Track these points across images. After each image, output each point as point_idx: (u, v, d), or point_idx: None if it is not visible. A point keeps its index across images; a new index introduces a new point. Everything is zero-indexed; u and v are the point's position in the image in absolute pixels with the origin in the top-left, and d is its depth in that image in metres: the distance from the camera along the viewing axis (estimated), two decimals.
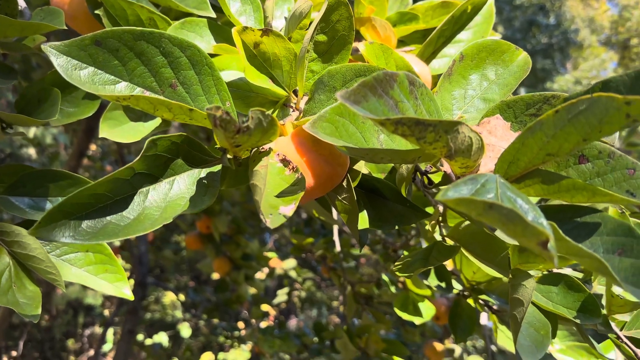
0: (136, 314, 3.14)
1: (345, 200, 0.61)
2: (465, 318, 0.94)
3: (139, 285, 3.20)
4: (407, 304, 1.23)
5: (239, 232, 2.51)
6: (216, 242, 2.50)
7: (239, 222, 2.47)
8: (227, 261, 2.54)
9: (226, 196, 2.44)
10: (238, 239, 2.52)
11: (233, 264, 2.56)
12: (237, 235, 2.50)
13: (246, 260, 2.56)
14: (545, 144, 0.41)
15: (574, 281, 0.63)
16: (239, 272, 2.55)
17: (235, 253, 2.54)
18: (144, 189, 0.46)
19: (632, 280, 0.37)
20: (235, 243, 2.54)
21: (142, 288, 3.25)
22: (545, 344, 0.56)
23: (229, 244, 2.54)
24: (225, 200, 2.43)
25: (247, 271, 2.61)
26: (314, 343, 2.91)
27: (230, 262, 2.55)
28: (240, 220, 2.47)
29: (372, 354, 1.37)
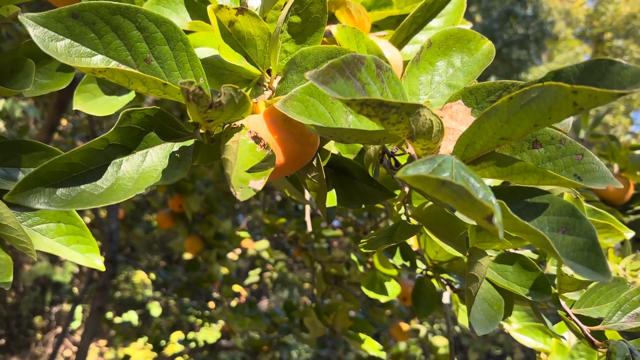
0: (106, 291, 3.13)
1: (315, 179, 0.64)
2: (427, 296, 0.98)
3: (109, 263, 3.18)
4: (374, 283, 1.27)
5: (211, 211, 2.51)
6: (188, 221, 2.50)
7: (211, 202, 2.48)
8: (199, 240, 2.54)
9: (199, 175, 2.44)
10: (210, 218, 2.52)
11: (205, 243, 2.57)
12: (210, 214, 2.51)
13: (218, 239, 2.57)
14: (499, 128, 0.43)
15: (528, 261, 0.67)
16: (211, 252, 2.57)
17: (208, 232, 2.55)
18: (118, 160, 0.47)
19: (572, 256, 0.40)
20: (208, 222, 2.54)
21: (112, 265, 3.23)
22: (497, 318, 0.59)
23: (201, 223, 2.54)
24: (199, 179, 2.43)
25: (219, 250, 2.62)
26: (283, 322, 2.95)
27: (202, 241, 2.56)
28: (213, 200, 2.48)
29: (340, 331, 1.41)
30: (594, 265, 0.38)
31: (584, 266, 0.39)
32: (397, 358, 2.52)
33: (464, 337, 7.65)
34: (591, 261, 0.39)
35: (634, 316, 0.67)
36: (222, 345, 3.05)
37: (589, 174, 0.46)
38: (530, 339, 1.12)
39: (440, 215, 0.69)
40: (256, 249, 4.31)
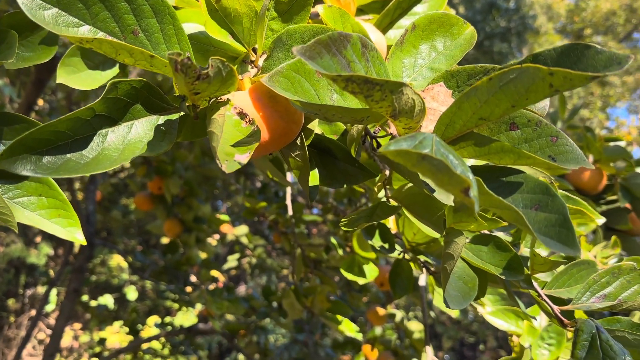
0: (82, 273, 3.11)
1: (298, 157, 0.65)
2: (404, 278, 1.01)
3: (86, 245, 3.15)
4: (353, 265, 1.29)
5: (191, 194, 2.51)
6: (167, 204, 2.49)
7: (191, 185, 2.47)
8: (177, 223, 2.54)
9: (179, 158, 2.43)
10: (190, 202, 2.52)
11: (184, 227, 2.57)
12: (189, 197, 2.50)
13: (198, 223, 2.57)
14: (478, 109, 0.45)
15: (502, 242, 0.69)
16: (190, 235, 2.56)
17: (187, 215, 2.54)
18: (103, 130, 0.48)
19: (544, 231, 0.42)
20: (187, 205, 2.54)
21: (89, 247, 3.20)
22: (471, 295, 0.61)
23: (180, 206, 2.54)
24: (179, 162, 2.42)
25: (198, 234, 2.62)
26: (262, 306, 2.97)
27: (181, 225, 2.56)
28: (193, 183, 2.47)
29: (317, 313, 1.43)
30: (565, 240, 0.40)
31: (555, 241, 0.41)
32: (373, 342, 2.56)
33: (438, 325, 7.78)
34: (562, 236, 0.41)
35: (602, 297, 0.70)
36: (199, 328, 3.06)
37: (563, 155, 0.48)
38: (502, 321, 1.16)
39: (419, 197, 0.70)
40: (235, 235, 4.31)
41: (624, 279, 0.71)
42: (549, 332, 1.02)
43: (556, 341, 1.01)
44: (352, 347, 2.66)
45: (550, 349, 1.01)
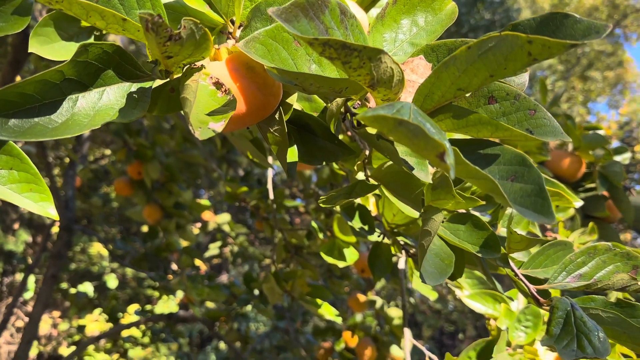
0: (60, 259, 3.06)
1: (277, 133, 0.64)
2: (383, 259, 1.01)
3: (64, 230, 3.11)
4: (333, 249, 1.29)
5: (171, 180, 2.48)
6: (147, 189, 2.46)
7: (171, 170, 2.44)
8: (158, 209, 2.51)
9: (160, 143, 2.40)
10: (170, 187, 2.49)
11: (164, 212, 2.54)
12: (170, 183, 2.48)
13: (178, 209, 2.54)
14: (457, 78, 0.45)
15: (479, 221, 0.69)
16: (170, 221, 2.54)
17: (167, 201, 2.51)
18: (73, 95, 0.46)
19: (520, 201, 0.42)
20: (168, 191, 2.51)
21: (68, 233, 3.16)
22: (447, 271, 0.61)
23: (160, 192, 2.51)
24: (159, 146, 2.39)
25: (179, 220, 2.60)
26: (243, 293, 2.96)
27: (161, 210, 2.53)
28: (173, 168, 2.44)
29: (297, 297, 1.43)
30: (540, 209, 0.40)
31: (530, 210, 0.41)
32: (354, 329, 2.58)
33: (418, 314, 7.86)
34: (537, 205, 0.40)
35: (577, 276, 0.71)
36: (179, 315, 3.04)
37: (541, 128, 0.48)
38: (480, 304, 1.16)
39: (398, 175, 0.70)
40: (217, 222, 4.28)
41: (599, 259, 0.71)
42: (526, 315, 1.03)
43: (533, 323, 1.02)
44: (333, 333, 2.67)
45: (527, 331, 1.02)
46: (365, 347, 2.29)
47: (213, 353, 5.95)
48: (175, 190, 2.49)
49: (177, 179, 2.47)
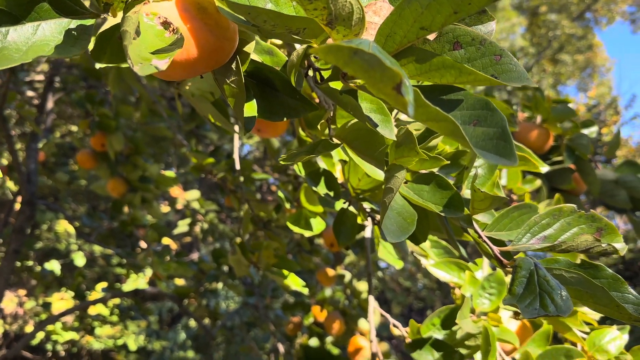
0: (23, 234, 2.97)
1: (233, 84, 0.60)
2: (348, 226, 0.99)
3: (26, 205, 3.01)
4: (300, 219, 1.26)
5: (136, 152, 2.41)
6: (111, 161, 2.38)
7: (136, 142, 2.37)
8: (122, 182, 2.44)
9: (124, 114, 2.32)
10: (135, 160, 2.42)
11: (129, 186, 2.48)
12: (134, 155, 2.41)
13: (143, 182, 2.48)
14: (419, 15, 0.42)
15: (444, 180, 0.67)
16: (135, 195, 2.47)
17: (132, 174, 2.45)
18: (3, 28, 0.42)
19: (482, 144, 0.40)
20: (132, 164, 2.44)
21: (30, 207, 3.06)
22: (409, 229, 0.60)
23: (125, 165, 2.44)
24: (122, 117, 2.31)
25: (144, 194, 2.53)
26: (211, 269, 2.93)
27: (126, 184, 2.46)
28: (138, 140, 2.37)
29: (263, 268, 1.41)
30: (502, 152, 0.38)
31: (492, 153, 0.38)
32: (322, 303, 2.58)
33: (388, 291, 7.96)
34: (499, 148, 0.38)
35: (542, 238, 0.70)
36: (146, 292, 2.99)
37: (506, 74, 0.46)
38: (445, 273, 1.16)
39: (362, 132, 0.67)
40: (186, 199, 4.22)
41: (564, 221, 0.71)
42: (490, 282, 1.02)
43: (497, 291, 1.02)
44: (302, 308, 2.67)
45: (490, 299, 1.02)
46: (334, 320, 2.29)
47: (183, 331, 5.92)
48: (140, 163, 2.42)
49: (141, 152, 2.41)
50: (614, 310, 0.60)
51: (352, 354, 2.21)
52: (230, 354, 6.11)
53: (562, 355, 0.96)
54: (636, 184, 1.47)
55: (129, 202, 2.50)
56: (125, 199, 2.49)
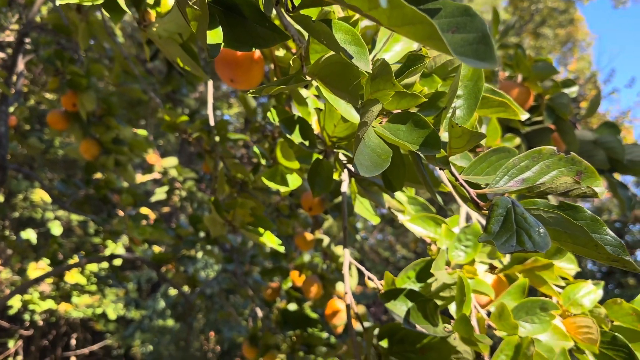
0: None
1: (196, 5, 0.56)
2: (323, 176, 0.96)
3: None
4: (276, 175, 1.23)
5: (109, 113, 2.34)
6: (83, 122, 2.31)
7: (109, 102, 2.29)
8: (95, 144, 2.37)
9: (95, 72, 2.23)
10: (108, 121, 2.35)
11: (102, 148, 2.41)
12: (107, 116, 2.33)
13: (117, 144, 2.41)
14: None
15: (420, 119, 0.64)
16: (109, 157, 2.41)
17: (105, 136, 2.38)
18: None
19: (461, 50, 0.36)
20: (105, 125, 2.37)
21: (2, 171, 2.96)
22: (383, 165, 0.57)
23: (97, 126, 2.37)
24: (94, 76, 2.23)
25: (118, 157, 2.47)
26: (189, 235, 2.89)
27: (99, 146, 2.39)
28: (111, 100, 2.30)
29: (239, 226, 1.37)
30: (482, 55, 0.35)
31: (472, 58, 0.35)
32: (301, 268, 2.57)
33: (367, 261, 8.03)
34: (479, 52, 0.35)
35: (520, 181, 0.68)
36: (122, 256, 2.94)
37: None
38: (421, 228, 1.14)
39: (336, 66, 0.63)
40: (163, 166, 4.15)
41: (543, 164, 0.68)
42: (466, 235, 1.01)
43: (473, 243, 1.01)
44: (280, 273, 2.65)
45: (466, 251, 1.01)
46: (312, 284, 2.29)
47: (162, 299, 5.91)
48: (113, 125, 2.35)
49: (114, 113, 2.33)
50: (592, 250, 0.58)
51: (330, 316, 2.21)
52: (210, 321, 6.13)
53: (538, 307, 0.96)
54: (615, 144, 1.47)
55: (102, 165, 2.43)
56: (99, 162, 2.42)
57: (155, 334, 6.34)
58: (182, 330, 6.50)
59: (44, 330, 8.94)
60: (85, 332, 9.29)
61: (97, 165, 2.43)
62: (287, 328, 2.46)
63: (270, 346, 2.57)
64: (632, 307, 0.98)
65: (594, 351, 0.95)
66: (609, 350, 0.98)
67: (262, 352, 2.57)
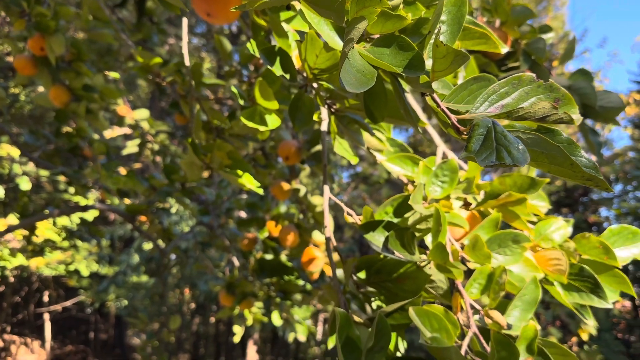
0: None
1: None
2: (304, 111, 0.95)
3: None
4: (254, 115, 1.22)
5: (79, 58, 2.26)
6: (52, 67, 2.23)
7: (78, 47, 2.22)
8: (65, 90, 2.30)
9: (64, 15, 2.14)
10: (78, 66, 2.27)
11: (72, 94, 2.34)
12: (77, 62, 2.26)
13: (88, 91, 2.35)
14: None
15: (405, 41, 0.64)
16: (79, 104, 2.34)
17: (75, 82, 2.31)
18: None
19: None
20: (75, 71, 2.30)
21: None
22: (368, 84, 0.57)
23: (67, 72, 2.29)
24: (63, 19, 2.14)
25: (89, 104, 2.40)
26: (163, 185, 2.87)
27: (69, 92, 2.32)
28: (81, 45, 2.22)
29: (216, 167, 1.37)
30: None
31: None
32: (277, 219, 2.59)
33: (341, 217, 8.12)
34: None
35: (499, 107, 0.69)
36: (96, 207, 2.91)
37: None
38: (399, 168, 1.16)
39: None
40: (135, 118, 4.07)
41: (522, 91, 0.70)
42: (443, 170, 1.03)
43: (449, 178, 1.03)
44: (257, 223, 2.67)
45: (442, 187, 1.03)
46: (288, 232, 2.31)
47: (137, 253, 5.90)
48: (83, 70, 2.28)
49: (84, 58, 2.26)
50: (568, 170, 0.60)
51: (306, 264, 2.25)
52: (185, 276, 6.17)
53: (510, 239, 0.99)
54: (588, 91, 1.50)
55: (73, 112, 2.37)
56: (69, 109, 2.36)
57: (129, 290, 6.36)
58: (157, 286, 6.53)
59: (16, 287, 8.87)
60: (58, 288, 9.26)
61: (67, 113, 2.36)
62: (264, 276, 2.50)
63: (247, 294, 2.62)
64: (600, 240, 1.02)
65: (563, 281, 1.00)
66: (576, 281, 1.03)
67: (239, 299, 2.61)
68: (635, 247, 1.08)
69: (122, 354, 10.39)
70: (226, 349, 10.31)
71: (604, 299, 0.99)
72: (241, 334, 3.06)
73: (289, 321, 3.00)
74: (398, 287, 0.94)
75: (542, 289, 1.01)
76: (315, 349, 9.50)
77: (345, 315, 0.75)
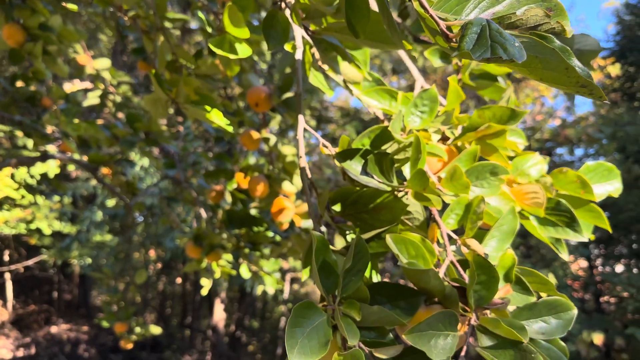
0: None
1: None
2: (279, 29, 0.89)
3: None
4: (223, 42, 1.15)
5: None
6: (5, 4, 2.08)
7: None
8: (20, 29, 2.15)
9: None
10: (33, 4, 2.12)
11: (28, 34, 2.19)
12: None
13: (45, 30, 2.20)
14: None
15: None
16: (36, 44, 2.20)
17: (30, 20, 2.16)
18: None
19: None
20: (31, 9, 2.14)
21: None
22: None
23: (22, 9, 2.14)
24: None
25: (46, 45, 2.26)
26: (127, 135, 2.76)
27: (25, 31, 2.17)
28: None
29: (183, 101, 1.30)
30: None
31: None
32: (246, 170, 2.53)
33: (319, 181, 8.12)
34: None
35: (490, 14, 0.65)
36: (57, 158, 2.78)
37: None
38: (376, 101, 1.12)
39: None
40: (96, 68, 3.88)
41: None
42: (423, 99, 0.99)
43: (429, 109, 0.99)
44: (225, 175, 2.60)
45: (422, 117, 1.00)
46: (258, 183, 2.26)
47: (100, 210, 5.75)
48: (39, 8, 2.13)
49: None
50: (562, 75, 0.57)
51: (276, 214, 2.21)
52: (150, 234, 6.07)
53: (488, 171, 0.97)
54: None
55: (28, 53, 2.22)
56: (24, 49, 2.21)
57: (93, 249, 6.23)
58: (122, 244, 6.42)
59: None
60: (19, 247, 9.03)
61: (22, 54, 2.21)
62: (232, 227, 2.45)
63: (215, 245, 2.57)
64: (577, 174, 1.01)
65: (540, 214, 0.98)
66: (552, 215, 1.02)
67: (207, 251, 2.57)
68: (609, 184, 1.08)
69: (87, 314, 10.30)
70: (193, 308, 10.33)
71: (580, 232, 0.98)
72: (209, 288, 3.03)
73: (257, 274, 2.98)
74: (374, 217, 0.91)
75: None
76: (282, 307, 9.61)
77: (322, 239, 0.72)
